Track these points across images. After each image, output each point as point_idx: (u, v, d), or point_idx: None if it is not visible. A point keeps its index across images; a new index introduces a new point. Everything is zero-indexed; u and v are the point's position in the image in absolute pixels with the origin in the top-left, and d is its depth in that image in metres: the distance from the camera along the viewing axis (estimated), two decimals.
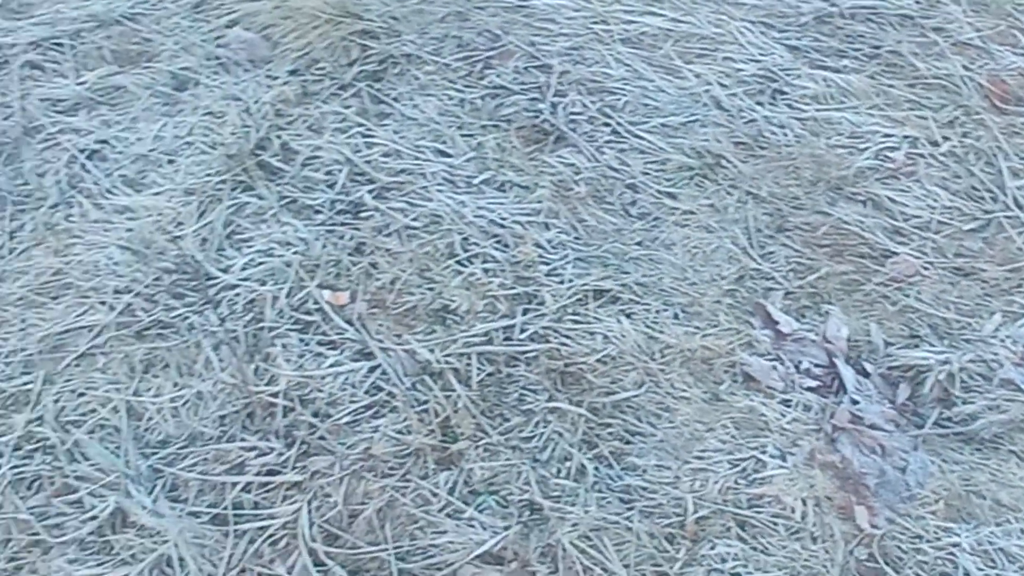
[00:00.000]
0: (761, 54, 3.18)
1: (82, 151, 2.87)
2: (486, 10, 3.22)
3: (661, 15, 3.27)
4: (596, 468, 2.31)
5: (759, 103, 3.05)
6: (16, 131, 2.92)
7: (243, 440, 2.32)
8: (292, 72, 3.04)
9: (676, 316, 2.56)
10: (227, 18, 3.19)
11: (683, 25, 3.25)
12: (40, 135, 2.91)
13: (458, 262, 2.61)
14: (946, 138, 2.98)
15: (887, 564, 2.20)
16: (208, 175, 2.78)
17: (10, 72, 3.07)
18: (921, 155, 2.94)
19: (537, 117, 2.94)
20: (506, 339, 2.49)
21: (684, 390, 2.43)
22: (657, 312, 2.56)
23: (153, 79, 3.05)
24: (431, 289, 2.56)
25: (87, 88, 3.03)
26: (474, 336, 2.48)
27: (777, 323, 2.56)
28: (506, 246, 2.65)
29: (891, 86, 3.12)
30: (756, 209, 2.79)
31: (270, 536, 2.19)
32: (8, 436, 2.33)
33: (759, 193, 2.82)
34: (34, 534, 2.20)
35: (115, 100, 3.00)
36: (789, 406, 2.43)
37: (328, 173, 2.80)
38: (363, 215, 2.70)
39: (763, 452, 2.35)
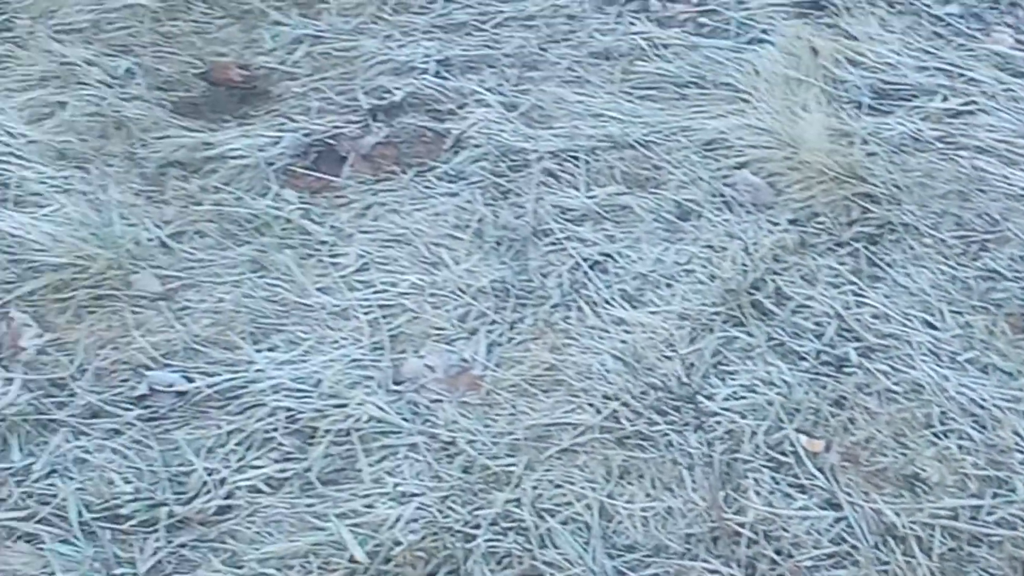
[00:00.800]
0: None
1: (585, 260, 3.05)
2: (988, 194, 3.25)
3: None
4: None
5: None
6: (526, 231, 3.14)
7: (706, 562, 2.41)
8: (792, 221, 3.16)
9: None
10: (736, 160, 3.34)
11: None
12: (548, 238, 3.13)
13: (934, 433, 2.65)
14: None
15: None
16: (703, 304, 2.91)
17: (528, 176, 3.31)
18: None
19: None
20: (972, 518, 2.50)
21: None
22: None
23: (658, 205, 3.22)
24: (904, 455, 2.61)
25: (596, 202, 3.23)
26: (941, 508, 2.51)
27: None
28: (983, 427, 2.67)
29: None
30: None
31: None
32: (487, 511, 2.49)
33: None
34: None
35: (620, 218, 3.19)
36: None
37: (817, 324, 2.89)
38: (846, 370, 2.78)
39: None
